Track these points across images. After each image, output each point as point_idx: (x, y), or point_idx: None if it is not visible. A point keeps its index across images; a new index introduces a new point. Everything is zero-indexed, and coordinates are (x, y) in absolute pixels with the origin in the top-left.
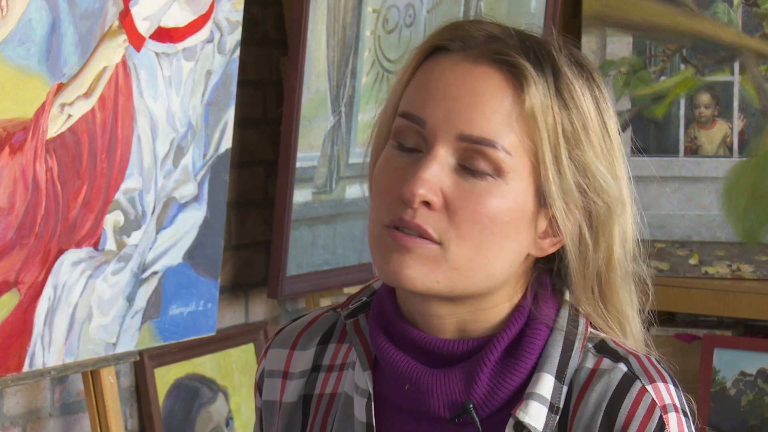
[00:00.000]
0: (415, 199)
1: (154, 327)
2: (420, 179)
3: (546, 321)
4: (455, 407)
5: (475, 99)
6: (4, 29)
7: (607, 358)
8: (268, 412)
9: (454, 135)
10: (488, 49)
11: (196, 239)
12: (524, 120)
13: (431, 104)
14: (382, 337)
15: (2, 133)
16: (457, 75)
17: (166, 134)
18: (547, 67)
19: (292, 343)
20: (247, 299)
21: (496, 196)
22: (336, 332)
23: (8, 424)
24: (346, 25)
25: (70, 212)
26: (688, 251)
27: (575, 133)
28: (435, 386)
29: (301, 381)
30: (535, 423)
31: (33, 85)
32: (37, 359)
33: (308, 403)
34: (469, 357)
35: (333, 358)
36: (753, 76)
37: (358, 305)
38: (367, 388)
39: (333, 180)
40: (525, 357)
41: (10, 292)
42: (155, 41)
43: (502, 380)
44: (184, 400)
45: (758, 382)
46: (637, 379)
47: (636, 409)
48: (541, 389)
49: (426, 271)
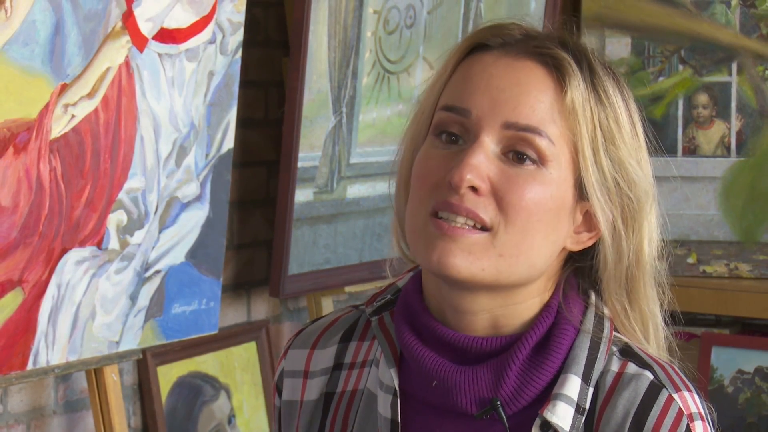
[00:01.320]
0: (463, 184)
1: (156, 325)
2: (468, 164)
3: (574, 322)
4: (483, 404)
5: (520, 89)
6: (8, 30)
7: (633, 363)
8: (287, 411)
9: (499, 123)
10: (528, 45)
11: (198, 238)
12: (565, 112)
13: (476, 95)
14: (410, 333)
15: (6, 134)
16: (501, 68)
17: (169, 134)
18: (584, 63)
19: (312, 343)
20: (249, 298)
21: (540, 183)
22: (357, 330)
23: (12, 421)
24: (347, 26)
25: (74, 212)
26: (686, 250)
27: (610, 129)
28: (463, 383)
29: (322, 379)
30: (562, 423)
31: (37, 86)
32: (40, 357)
33: (329, 401)
34: (497, 354)
35: (355, 355)
36: (750, 76)
37: (383, 303)
38: (392, 385)
39: (334, 180)
40: (552, 357)
41: (14, 291)
42: (158, 42)
43: (529, 379)
44: (186, 397)
45: (756, 380)
46: (663, 387)
47: (664, 417)
48: (568, 390)
49: (472, 258)
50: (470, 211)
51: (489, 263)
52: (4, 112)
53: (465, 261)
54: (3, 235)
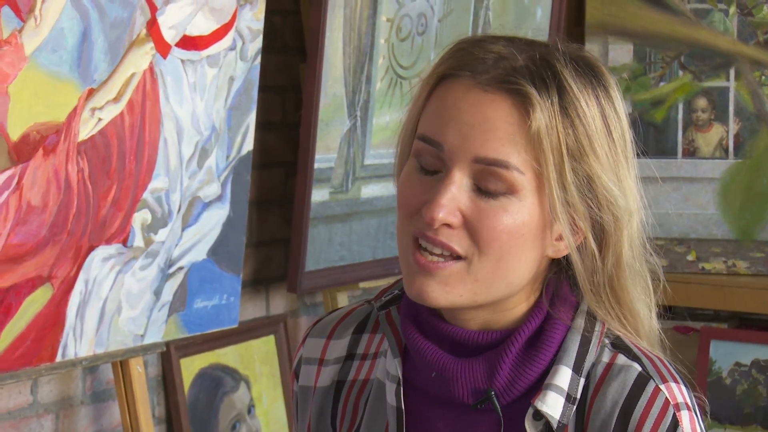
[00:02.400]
0: (435, 223)
1: (179, 319)
2: (438, 204)
3: (563, 319)
4: (478, 394)
5: (488, 125)
6: (38, 38)
7: (622, 354)
8: (303, 396)
9: (469, 158)
10: (496, 74)
11: (219, 236)
12: (531, 141)
13: (447, 130)
14: (412, 328)
15: (36, 136)
16: (470, 102)
17: (191, 137)
18: (552, 87)
19: (328, 333)
20: (268, 293)
21: (511, 213)
22: (369, 323)
23: (42, 411)
24: (361, 34)
25: (101, 211)
26: (686, 248)
27: (580, 148)
28: (460, 374)
29: (335, 367)
30: (552, 412)
31: (65, 91)
32: (69, 350)
33: (340, 388)
34: (492, 348)
35: (367, 347)
36: (747, 81)
37: (390, 298)
38: (397, 374)
39: (349, 180)
40: (544, 350)
41: (44, 287)
42: (181, 49)
43: (522, 370)
44: (208, 388)
45: (752, 372)
46: (651, 379)
47: (651, 407)
48: (559, 380)
49: (448, 289)
50: (444, 244)
51: (465, 290)
52: (34, 116)
53: (442, 292)
54: (33, 233)
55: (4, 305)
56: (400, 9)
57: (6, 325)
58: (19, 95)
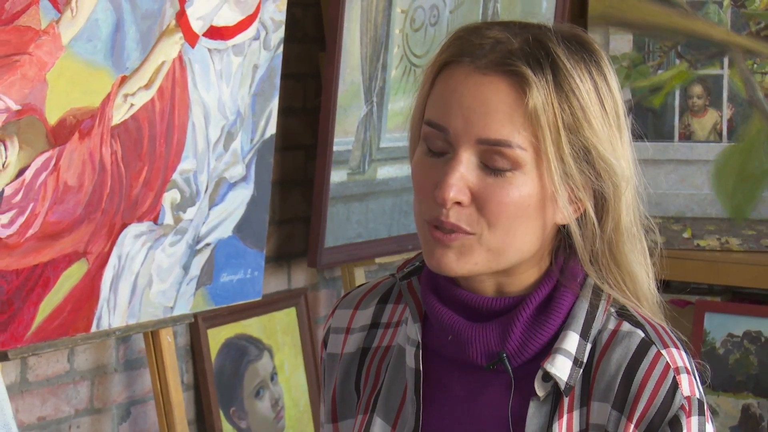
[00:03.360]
0: (447, 203)
1: (207, 292)
2: (448, 185)
3: (572, 288)
4: (491, 356)
5: (488, 107)
6: (74, 28)
7: (627, 322)
8: (330, 363)
9: (473, 139)
10: (494, 58)
11: (244, 215)
12: (529, 119)
13: (451, 114)
14: (431, 295)
15: (72, 120)
16: (470, 86)
17: (218, 121)
18: (546, 66)
19: (355, 304)
20: (290, 268)
21: (516, 186)
22: (393, 294)
23: (78, 378)
24: (377, 24)
25: (133, 190)
26: (682, 226)
27: (576, 121)
28: (474, 337)
29: (361, 335)
30: (560, 374)
31: (99, 78)
32: (103, 321)
33: (365, 355)
34: (504, 313)
35: (390, 316)
36: (741, 69)
37: (412, 269)
38: (416, 338)
39: (366, 162)
40: (553, 316)
41: (80, 262)
42: (208, 38)
43: (533, 335)
44: (233, 357)
45: (744, 343)
46: (653, 344)
47: (653, 370)
48: (567, 345)
49: (465, 258)
50: (454, 225)
51: (480, 258)
52: (70, 102)
53: (459, 262)
54: (69, 212)
55: (42, 279)
56: (414, 1)
57: (44, 297)
58: (56, 82)
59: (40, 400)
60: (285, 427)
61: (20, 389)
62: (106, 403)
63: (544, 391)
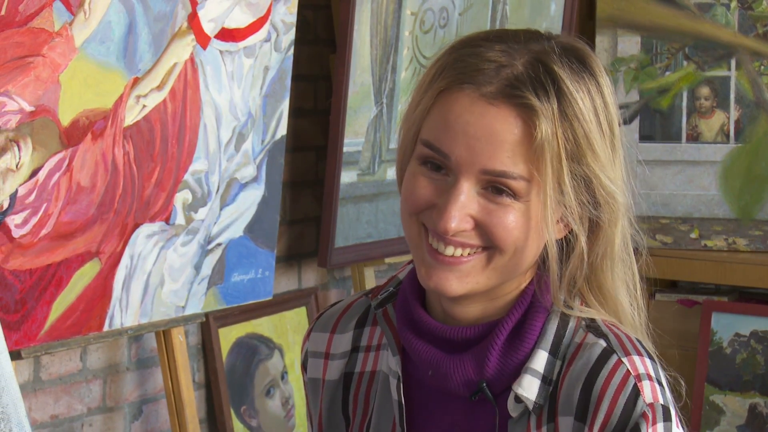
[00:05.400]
0: (449, 234)
1: (218, 292)
2: (450, 216)
3: (545, 303)
4: (472, 386)
5: (494, 138)
6: (87, 30)
7: (591, 333)
8: (313, 387)
9: (477, 169)
10: (500, 86)
11: (255, 215)
12: (534, 151)
13: (455, 142)
14: (407, 329)
15: (85, 122)
16: (476, 115)
17: (229, 123)
18: (551, 93)
19: (331, 328)
20: (300, 268)
21: (518, 212)
22: (370, 317)
23: (91, 376)
24: (387, 26)
25: (145, 191)
26: (690, 226)
27: (580, 150)
28: (453, 370)
29: (342, 361)
30: (527, 394)
31: (112, 79)
32: (115, 320)
33: (349, 380)
34: (479, 341)
35: (369, 339)
36: (748, 71)
37: (386, 296)
38: (397, 371)
39: (376, 163)
40: (527, 337)
41: (93, 261)
42: (219, 40)
43: (508, 359)
44: (244, 356)
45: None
46: (614, 353)
47: (612, 378)
48: (536, 364)
49: (468, 279)
50: (460, 243)
51: (484, 278)
52: (83, 103)
53: (461, 283)
54: (82, 212)
55: (55, 278)
56: (424, 3)
57: (57, 296)
58: (69, 83)
59: (53, 398)
60: (295, 425)
61: (33, 388)
62: (119, 401)
63: (518, 411)
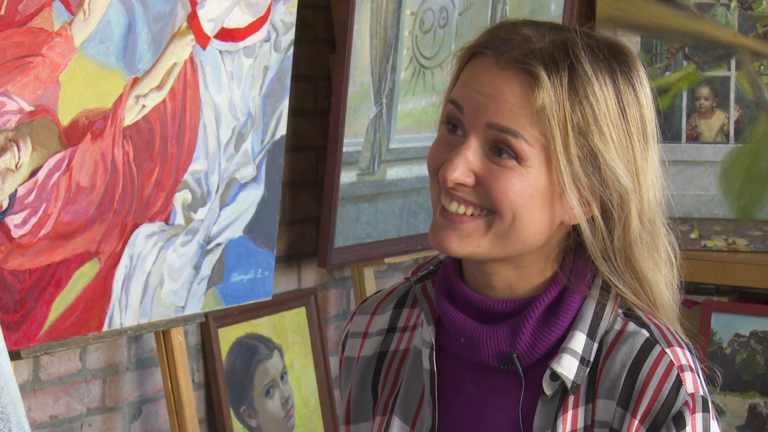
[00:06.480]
0: (448, 183)
1: (217, 292)
2: (452, 166)
3: (580, 289)
4: (502, 357)
5: (500, 96)
6: (86, 30)
7: (633, 322)
8: (347, 366)
9: (484, 123)
10: (514, 55)
11: (254, 215)
12: (537, 116)
13: (469, 97)
14: (444, 299)
15: (85, 122)
16: (488, 76)
17: (229, 122)
18: (563, 68)
19: (372, 310)
20: (300, 268)
21: (518, 177)
22: (409, 299)
23: (90, 377)
24: (387, 26)
25: (144, 191)
26: (689, 227)
27: (587, 125)
28: (485, 339)
29: (378, 338)
30: (567, 373)
31: (112, 79)
32: (115, 320)
33: (383, 358)
34: (514, 315)
35: (407, 320)
36: (747, 71)
37: (426, 273)
38: (430, 340)
39: (375, 163)
40: (562, 317)
41: (92, 261)
42: (219, 40)
43: (541, 336)
44: (244, 356)
45: (751, 343)
46: (657, 343)
47: (656, 368)
48: (575, 345)
49: (468, 241)
50: (462, 199)
51: (482, 241)
52: (83, 103)
53: (460, 244)
54: (82, 212)
55: (55, 278)
56: (423, 3)
57: (57, 296)
58: (69, 83)
59: (53, 398)
60: (295, 425)
61: (33, 388)
62: (118, 401)
63: (552, 389)
